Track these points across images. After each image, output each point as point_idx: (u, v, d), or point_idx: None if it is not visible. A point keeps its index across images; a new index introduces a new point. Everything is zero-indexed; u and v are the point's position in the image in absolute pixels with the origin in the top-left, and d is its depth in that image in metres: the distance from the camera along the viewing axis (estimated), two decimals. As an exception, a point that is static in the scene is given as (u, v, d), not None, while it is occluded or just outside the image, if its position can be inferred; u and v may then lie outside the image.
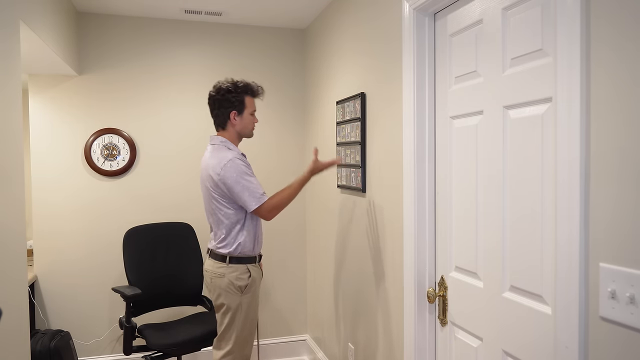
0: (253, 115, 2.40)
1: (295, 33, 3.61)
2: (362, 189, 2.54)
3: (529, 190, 1.43)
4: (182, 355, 2.78)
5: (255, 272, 2.39)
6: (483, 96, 1.62)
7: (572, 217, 1.20)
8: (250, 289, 2.36)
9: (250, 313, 2.37)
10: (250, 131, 2.42)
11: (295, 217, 3.67)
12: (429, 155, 1.95)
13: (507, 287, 1.54)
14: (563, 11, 1.22)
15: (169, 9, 3.14)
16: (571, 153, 1.20)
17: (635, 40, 1.05)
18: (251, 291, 2.36)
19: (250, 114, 2.39)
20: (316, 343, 3.48)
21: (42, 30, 2.32)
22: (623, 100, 1.08)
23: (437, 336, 1.95)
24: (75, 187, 3.24)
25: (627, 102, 1.07)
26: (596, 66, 1.15)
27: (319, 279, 3.39)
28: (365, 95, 2.51)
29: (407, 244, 2.02)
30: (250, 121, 2.40)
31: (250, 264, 2.36)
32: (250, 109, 2.39)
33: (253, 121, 2.41)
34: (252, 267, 2.38)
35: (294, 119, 3.64)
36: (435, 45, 1.92)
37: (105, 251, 3.29)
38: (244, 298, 2.33)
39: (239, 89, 2.35)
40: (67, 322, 3.23)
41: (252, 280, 2.36)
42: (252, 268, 2.37)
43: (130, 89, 3.31)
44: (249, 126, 2.40)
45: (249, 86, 2.38)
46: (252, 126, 2.41)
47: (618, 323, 1.10)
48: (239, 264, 2.32)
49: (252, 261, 2.38)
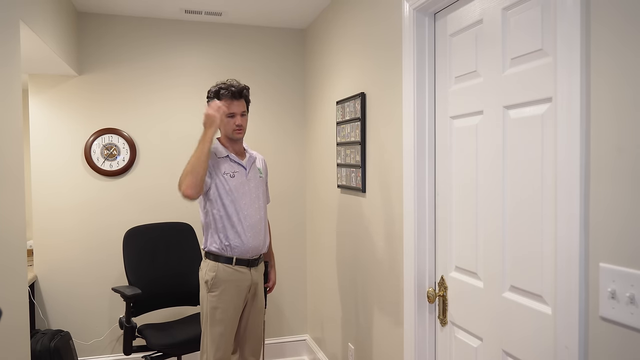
0: (231, 117, 2.34)
1: (295, 33, 3.61)
2: (362, 189, 2.54)
3: (529, 190, 1.43)
4: (182, 355, 2.78)
5: (225, 273, 2.29)
6: (483, 96, 1.62)
7: (572, 217, 1.20)
8: (215, 288, 2.28)
9: (217, 315, 2.28)
10: (231, 132, 2.36)
11: (295, 217, 3.67)
12: (429, 155, 1.95)
13: (507, 287, 1.54)
14: (563, 11, 1.22)
15: (169, 9, 3.14)
16: (571, 153, 1.20)
17: (635, 40, 1.05)
18: (217, 291, 2.28)
19: (227, 116, 2.33)
20: (316, 343, 3.48)
21: (42, 30, 2.32)
22: (623, 100, 1.08)
23: (437, 336, 1.95)
24: (75, 187, 3.24)
25: (627, 102, 1.07)
26: (596, 66, 1.15)
27: (319, 278, 3.39)
28: (365, 95, 2.51)
29: (407, 244, 2.02)
30: (228, 123, 2.34)
31: (222, 263, 2.30)
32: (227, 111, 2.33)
33: (232, 123, 2.34)
34: (225, 267, 2.30)
35: (294, 119, 3.64)
36: (435, 45, 1.92)
37: (105, 251, 3.29)
38: (209, 296, 2.29)
39: (210, 93, 2.37)
40: (67, 322, 3.23)
41: (217, 279, 2.28)
42: (224, 268, 2.29)
43: (130, 89, 3.31)
44: (228, 129, 2.35)
45: (218, 90, 2.34)
46: (231, 128, 2.34)
47: (618, 323, 1.10)
48: (209, 260, 2.34)
49: (225, 261, 2.30)
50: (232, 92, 2.33)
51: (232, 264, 2.31)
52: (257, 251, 2.39)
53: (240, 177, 2.37)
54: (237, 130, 2.36)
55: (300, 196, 3.67)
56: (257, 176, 2.47)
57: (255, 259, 2.40)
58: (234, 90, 2.33)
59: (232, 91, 2.33)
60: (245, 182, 2.38)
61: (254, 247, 2.36)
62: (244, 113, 2.39)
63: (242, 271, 2.34)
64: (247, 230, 2.33)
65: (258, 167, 2.50)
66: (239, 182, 2.36)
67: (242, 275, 2.34)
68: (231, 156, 2.38)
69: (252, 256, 2.37)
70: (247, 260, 2.35)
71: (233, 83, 2.36)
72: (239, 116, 2.36)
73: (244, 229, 2.33)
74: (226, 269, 2.31)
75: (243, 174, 2.39)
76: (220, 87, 2.34)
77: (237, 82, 2.38)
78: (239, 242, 2.31)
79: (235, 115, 2.35)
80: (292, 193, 3.65)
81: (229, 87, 2.34)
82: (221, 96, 2.34)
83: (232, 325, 2.34)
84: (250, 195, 2.38)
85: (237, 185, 2.34)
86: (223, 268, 2.30)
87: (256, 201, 2.41)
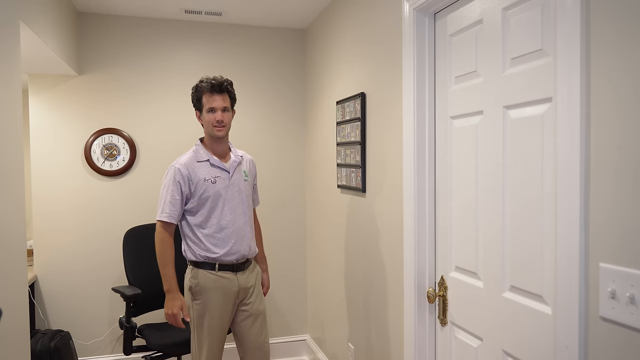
0: (211, 112, 2.22)
1: (295, 33, 3.61)
2: (362, 189, 2.54)
3: (529, 190, 1.43)
4: (182, 355, 2.78)
5: (208, 280, 2.23)
6: (483, 96, 1.62)
7: (572, 217, 1.20)
8: (199, 295, 2.24)
9: (203, 323, 2.24)
10: (211, 130, 2.24)
11: (295, 217, 3.67)
12: (429, 155, 1.95)
13: (507, 287, 1.54)
14: (563, 11, 1.22)
15: (168, 8, 3.14)
16: (571, 153, 1.20)
17: (635, 40, 1.05)
18: (201, 298, 2.23)
19: (207, 111, 2.23)
20: (316, 343, 3.48)
21: (42, 30, 2.32)
22: (623, 100, 1.08)
23: (437, 336, 1.95)
24: (75, 187, 3.24)
25: (627, 101, 1.07)
26: (596, 66, 1.15)
27: (319, 278, 3.39)
28: (365, 95, 2.51)
29: (407, 243, 2.02)
30: (209, 119, 2.23)
31: (204, 270, 2.24)
32: (207, 106, 2.23)
33: (211, 119, 2.22)
34: (207, 273, 2.24)
35: (294, 119, 3.63)
36: (435, 45, 1.92)
37: (105, 251, 3.29)
38: (194, 303, 2.25)
39: (195, 87, 2.28)
40: (67, 322, 3.23)
41: (199, 287, 2.23)
42: (206, 274, 2.23)
43: (130, 89, 3.31)
44: (208, 125, 2.24)
45: (205, 82, 2.23)
46: (211, 124, 2.23)
47: (618, 323, 1.10)
48: (191, 266, 2.30)
49: (208, 267, 2.24)
50: (211, 84, 2.22)
51: (215, 270, 2.25)
52: (242, 255, 2.30)
53: (222, 182, 2.26)
54: (217, 127, 2.23)
55: (300, 196, 3.67)
56: (242, 179, 2.35)
57: (242, 263, 2.31)
58: (214, 83, 2.22)
59: (211, 84, 2.22)
60: (229, 186, 2.28)
61: (237, 252, 2.27)
62: (226, 109, 2.25)
63: (227, 277, 2.26)
64: (230, 237, 2.25)
65: (244, 170, 2.38)
66: (222, 186, 2.26)
67: (226, 282, 2.26)
68: (212, 160, 2.27)
69: (236, 260, 2.28)
70: (231, 265, 2.27)
71: (216, 77, 2.25)
72: (219, 111, 2.23)
73: (227, 235, 2.25)
74: (209, 275, 2.24)
75: (226, 177, 2.28)
76: (200, 81, 2.26)
77: (220, 77, 2.27)
78: (219, 250, 2.24)
79: (216, 110, 2.23)
80: (292, 193, 3.65)
81: (208, 80, 2.23)
82: (200, 89, 2.24)
83: (220, 332, 2.27)
84: (233, 200, 2.28)
85: (219, 191, 2.25)
86: (205, 274, 2.24)
87: (240, 205, 2.31)
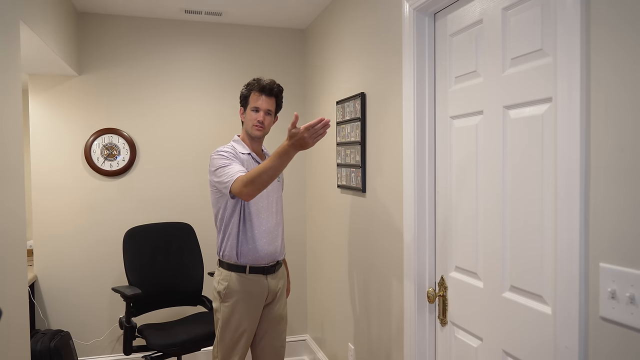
0: (255, 112, 2.25)
1: (295, 33, 3.61)
2: (362, 189, 2.54)
3: (529, 190, 1.43)
4: (182, 355, 2.78)
5: (238, 283, 2.21)
6: (483, 96, 1.62)
7: (572, 217, 1.20)
8: (229, 298, 2.21)
9: (231, 325, 2.22)
10: (250, 128, 2.26)
11: (295, 217, 3.67)
12: (429, 155, 1.95)
13: (507, 287, 1.54)
14: (563, 11, 1.22)
15: (168, 8, 3.14)
16: (571, 153, 1.20)
17: (635, 39, 1.05)
18: (230, 301, 2.21)
19: (251, 109, 2.25)
20: (316, 343, 3.48)
21: (42, 31, 2.32)
22: (623, 100, 1.08)
23: (437, 336, 1.95)
24: (75, 187, 3.24)
25: (627, 101, 1.07)
26: (596, 66, 1.15)
27: (319, 279, 3.39)
28: (365, 95, 2.51)
29: (407, 243, 2.02)
30: (250, 117, 2.25)
31: (235, 272, 2.22)
32: (252, 104, 2.25)
33: (253, 118, 2.25)
34: (238, 276, 2.21)
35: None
36: (435, 45, 1.92)
37: (105, 251, 3.29)
38: (222, 306, 2.22)
39: (247, 85, 2.29)
40: (67, 322, 3.23)
41: (229, 290, 2.21)
42: (237, 278, 2.21)
43: (130, 89, 3.31)
44: (249, 123, 2.26)
45: (257, 82, 2.26)
46: (251, 123, 2.25)
47: (618, 323, 1.10)
48: (222, 269, 2.25)
49: (239, 270, 2.22)
50: (262, 85, 2.25)
51: (246, 273, 2.23)
52: (273, 258, 2.28)
53: None
54: (257, 127, 2.25)
55: (300, 196, 3.67)
56: (276, 180, 2.33)
57: (272, 266, 2.29)
58: (265, 84, 2.25)
59: (262, 85, 2.25)
60: None
61: (269, 254, 2.26)
62: (269, 112, 2.28)
63: (257, 280, 2.25)
64: (263, 236, 2.24)
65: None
66: None
67: (257, 285, 2.25)
68: (253, 155, 2.28)
69: (267, 263, 2.27)
70: (262, 267, 2.25)
71: (269, 80, 2.28)
72: (262, 112, 2.25)
73: (260, 233, 2.23)
74: (239, 279, 2.22)
75: None
76: (253, 79, 2.27)
77: (273, 81, 2.29)
78: (252, 247, 2.22)
79: (259, 110, 2.25)
80: (292, 193, 3.65)
81: (260, 80, 2.26)
82: (250, 87, 2.27)
83: (247, 336, 2.25)
84: (268, 198, 2.28)
85: None
86: (236, 278, 2.22)
87: (273, 205, 2.31)
